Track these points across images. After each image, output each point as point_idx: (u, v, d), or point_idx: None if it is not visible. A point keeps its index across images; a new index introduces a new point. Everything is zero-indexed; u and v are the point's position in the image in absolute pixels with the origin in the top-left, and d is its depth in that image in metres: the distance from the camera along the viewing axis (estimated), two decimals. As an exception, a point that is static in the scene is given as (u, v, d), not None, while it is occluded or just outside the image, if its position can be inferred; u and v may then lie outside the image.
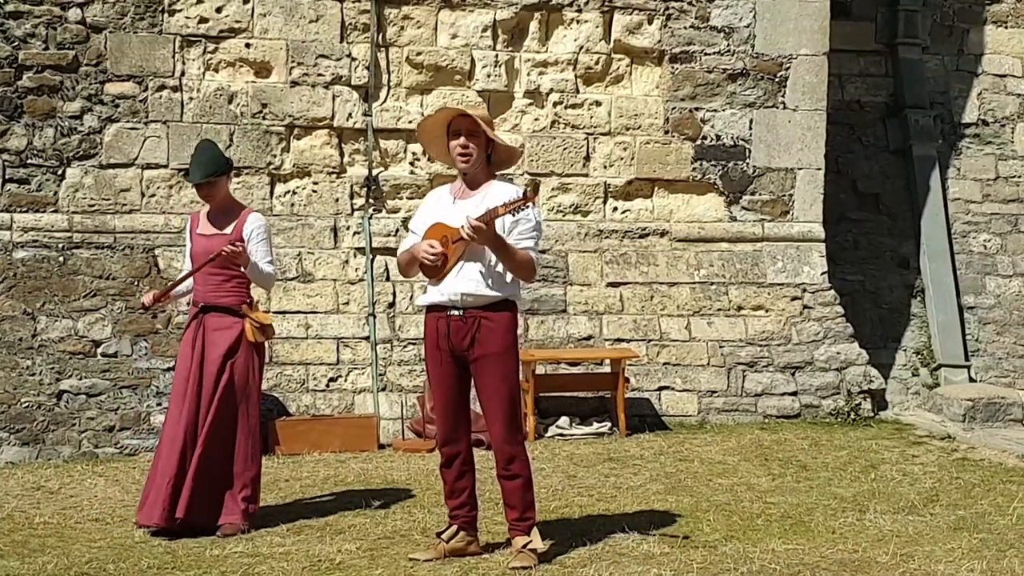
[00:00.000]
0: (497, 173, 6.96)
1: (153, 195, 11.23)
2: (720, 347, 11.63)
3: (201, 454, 7.55)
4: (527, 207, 6.51)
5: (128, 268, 10.99)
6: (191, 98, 11.28)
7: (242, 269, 7.65)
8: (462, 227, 6.53)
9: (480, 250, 6.64)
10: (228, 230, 7.74)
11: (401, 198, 11.68)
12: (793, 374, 11.63)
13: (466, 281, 6.69)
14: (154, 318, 10.73)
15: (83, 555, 7.11)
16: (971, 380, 12.52)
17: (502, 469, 6.82)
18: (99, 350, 10.68)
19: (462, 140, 6.75)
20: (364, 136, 11.58)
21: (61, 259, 10.93)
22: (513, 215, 6.51)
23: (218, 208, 7.84)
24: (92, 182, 11.13)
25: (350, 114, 11.54)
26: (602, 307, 11.69)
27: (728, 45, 12.00)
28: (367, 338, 11.19)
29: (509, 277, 6.73)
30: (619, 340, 11.53)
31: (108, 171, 11.16)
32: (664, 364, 11.52)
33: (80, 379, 10.50)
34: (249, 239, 7.71)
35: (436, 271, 6.72)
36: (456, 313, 6.70)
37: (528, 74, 11.82)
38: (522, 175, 11.79)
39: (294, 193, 11.52)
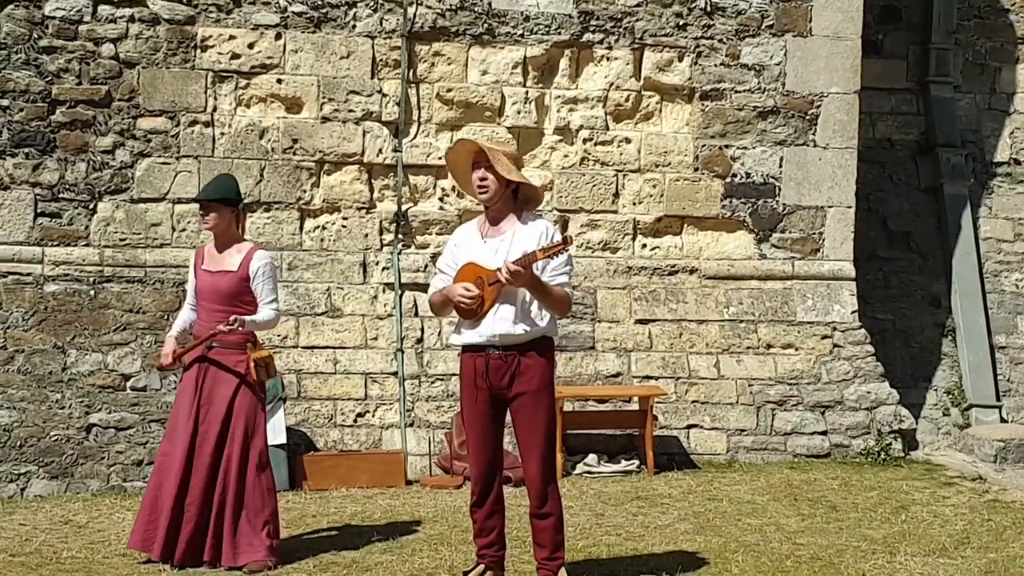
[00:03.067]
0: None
1: (184, 229, 11.28)
2: (749, 385, 11.60)
3: (212, 492, 7.61)
4: (566, 251, 6.52)
5: (158, 302, 11.04)
6: (223, 133, 11.34)
7: (240, 329, 7.64)
8: (499, 271, 6.52)
9: (514, 290, 6.64)
10: (234, 267, 7.75)
11: (430, 234, 11.71)
12: (823, 413, 11.57)
13: (503, 322, 6.69)
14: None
15: (110, 590, 7.12)
16: (1002, 420, 12.41)
17: (535, 508, 6.79)
18: (128, 384, 10.73)
19: (481, 172, 6.76)
20: (394, 172, 11.62)
21: (92, 293, 10.99)
22: (552, 259, 6.52)
23: (224, 243, 7.83)
24: (123, 216, 11.19)
25: (380, 150, 11.59)
26: (631, 344, 11.67)
27: (759, 83, 12.01)
28: (395, 374, 11.20)
29: (544, 313, 6.72)
30: (647, 377, 11.50)
31: (139, 205, 11.23)
32: (693, 402, 11.49)
33: (109, 413, 10.54)
34: (254, 277, 7.73)
35: (473, 314, 6.72)
36: (496, 352, 6.70)
37: (558, 111, 11.86)
38: (551, 211, 11.81)
39: (324, 228, 11.56)
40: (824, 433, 11.50)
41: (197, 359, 7.77)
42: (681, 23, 11.88)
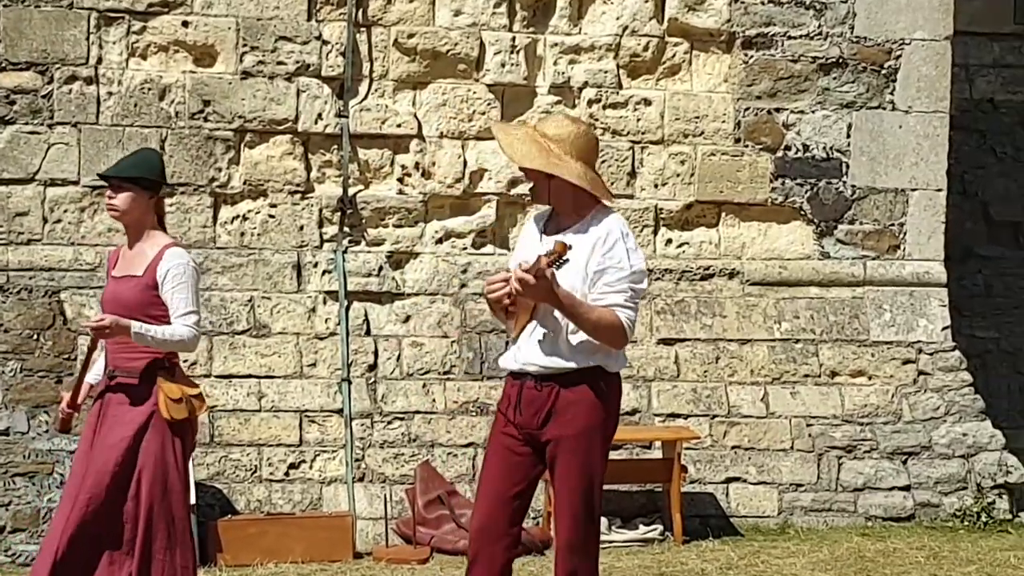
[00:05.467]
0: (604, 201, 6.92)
1: (59, 221, 11.27)
2: (808, 426, 11.64)
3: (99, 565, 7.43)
4: (565, 259, 6.42)
5: (25, 317, 10.99)
6: (110, 93, 11.35)
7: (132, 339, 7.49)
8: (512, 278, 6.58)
9: (553, 308, 6.63)
10: (140, 271, 7.55)
11: (386, 225, 11.74)
12: (904, 462, 11.61)
13: (537, 346, 6.67)
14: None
15: None
16: None
17: (559, 583, 6.95)
18: (-16, 426, 10.75)
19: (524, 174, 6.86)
20: (338, 144, 11.64)
21: (-64, 305, 10.99)
22: (557, 267, 6.43)
23: (136, 239, 7.68)
24: (-22, 203, 11.26)
25: (320, 115, 11.61)
26: (651, 371, 11.69)
27: (819, 26, 12.07)
28: (340, 411, 11.20)
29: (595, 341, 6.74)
30: (673, 415, 11.55)
31: None
32: (733, 448, 11.54)
33: (-42, 465, 10.57)
34: (162, 283, 7.52)
35: (504, 310, 6.70)
36: (531, 381, 6.69)
37: (555, 63, 11.89)
38: (546, 196, 11.68)
39: (245, 219, 11.58)
40: (906, 488, 11.55)
41: (100, 394, 7.60)
42: (717, -54, 12.08)
